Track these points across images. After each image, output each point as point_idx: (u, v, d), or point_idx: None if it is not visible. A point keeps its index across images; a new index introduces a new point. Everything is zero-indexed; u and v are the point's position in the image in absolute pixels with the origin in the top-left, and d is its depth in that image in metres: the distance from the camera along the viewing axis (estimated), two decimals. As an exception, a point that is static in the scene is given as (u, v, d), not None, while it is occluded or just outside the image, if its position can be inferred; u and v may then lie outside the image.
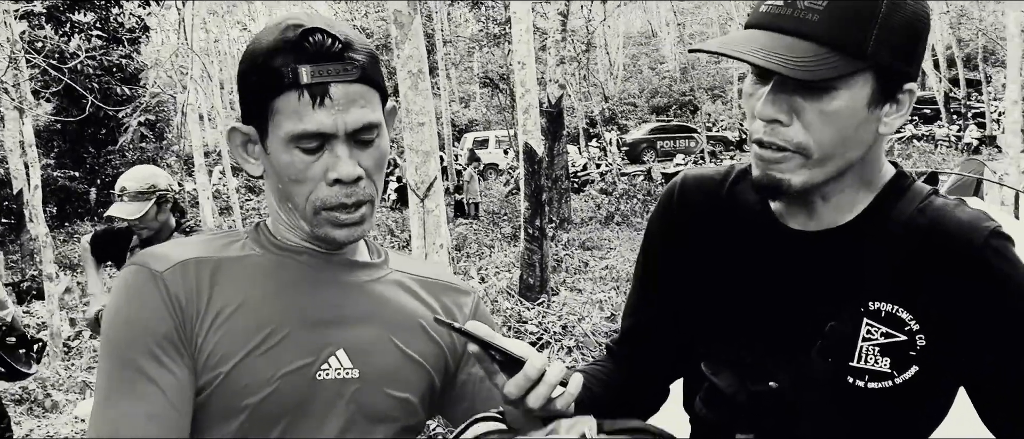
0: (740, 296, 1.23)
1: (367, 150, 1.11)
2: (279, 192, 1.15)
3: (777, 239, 1.21)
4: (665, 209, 1.34)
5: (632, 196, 16.41)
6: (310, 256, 1.17)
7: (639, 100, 36.14)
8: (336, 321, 1.15)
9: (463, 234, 13.60)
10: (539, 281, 8.81)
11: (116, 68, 18.35)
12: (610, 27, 31.88)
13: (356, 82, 1.08)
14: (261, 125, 1.11)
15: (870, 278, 1.13)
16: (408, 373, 1.20)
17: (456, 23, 28.51)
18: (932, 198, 1.16)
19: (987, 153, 20.44)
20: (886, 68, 1.06)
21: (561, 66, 12.45)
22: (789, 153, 1.10)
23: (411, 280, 1.26)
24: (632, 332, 1.40)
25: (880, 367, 1.12)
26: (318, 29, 1.07)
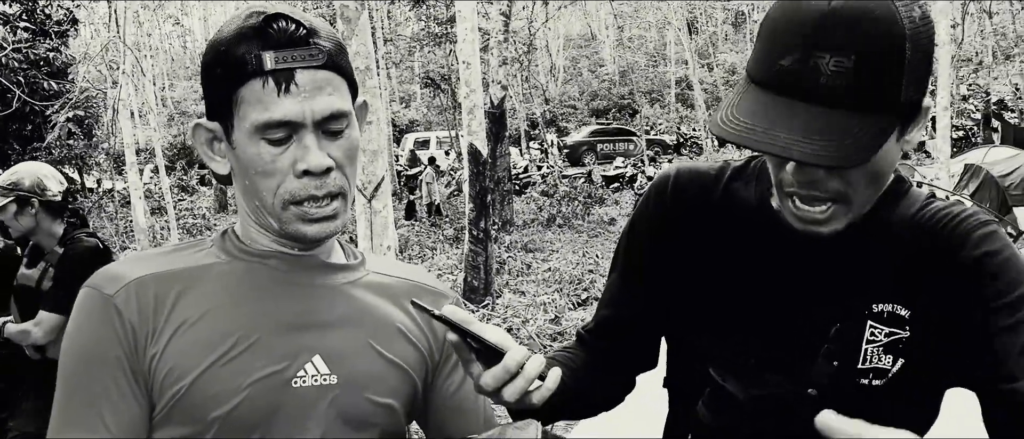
0: (741, 297, 1.21)
1: (337, 140, 1.07)
2: (247, 189, 1.09)
3: (778, 239, 1.18)
4: (657, 201, 1.30)
5: (573, 198, 16.47)
6: (281, 260, 1.12)
7: (579, 103, 36.39)
8: (311, 326, 1.10)
9: (405, 236, 13.46)
10: (483, 283, 8.75)
11: (43, 62, 17.69)
12: (551, 29, 32.02)
13: (322, 68, 1.04)
14: (226, 119, 1.06)
15: (874, 280, 1.13)
16: (389, 378, 1.15)
17: (396, 21, 28.27)
18: (933, 201, 1.16)
19: (917, 158, 21.08)
20: (913, 104, 1.03)
21: (503, 67, 12.40)
22: (830, 204, 1.07)
23: (389, 282, 1.22)
24: (609, 323, 1.37)
25: (883, 364, 1.13)
26: (281, 15, 1.03)
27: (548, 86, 32.98)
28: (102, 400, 1.02)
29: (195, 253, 1.13)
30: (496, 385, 1.04)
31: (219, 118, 1.07)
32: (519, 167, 21.83)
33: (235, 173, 1.11)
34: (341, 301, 1.14)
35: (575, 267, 10.52)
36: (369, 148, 4.50)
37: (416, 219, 17.04)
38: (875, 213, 1.15)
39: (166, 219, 13.41)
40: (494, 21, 12.91)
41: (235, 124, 1.05)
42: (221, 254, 1.13)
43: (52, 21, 18.17)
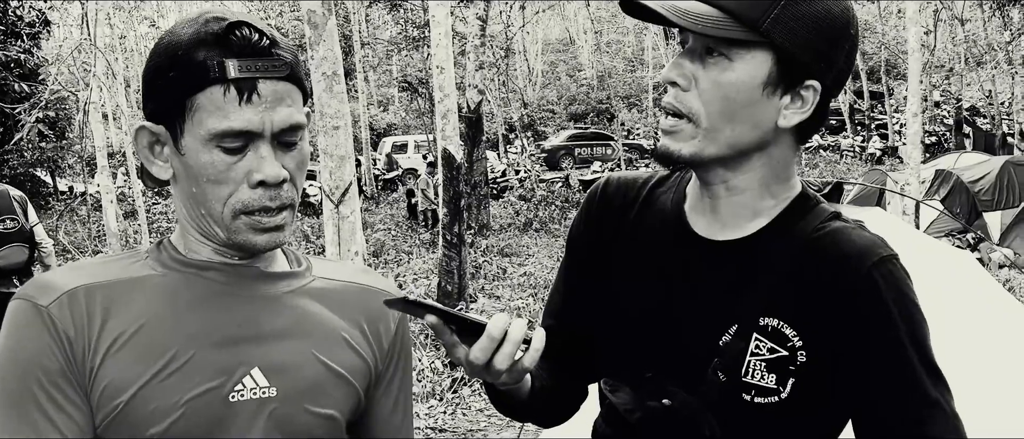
0: (646, 304, 1.23)
1: (290, 152, 1.06)
2: (193, 197, 1.07)
3: (682, 244, 1.21)
4: (587, 209, 1.35)
5: (550, 203, 16.48)
6: (219, 271, 1.10)
7: (557, 107, 36.42)
8: (250, 338, 1.08)
9: (381, 240, 13.40)
10: (457, 288, 8.71)
11: (14, 64, 17.48)
12: (529, 33, 32.05)
13: (284, 80, 1.04)
14: (176, 123, 1.04)
15: (764, 293, 1.14)
16: (331, 388, 1.13)
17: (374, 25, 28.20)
18: (833, 220, 1.16)
19: (889, 164, 21.28)
20: (786, 53, 1.08)
21: (480, 71, 12.39)
22: (682, 122, 1.12)
23: (334, 287, 1.19)
24: (552, 333, 1.36)
25: (766, 383, 1.13)
26: (245, 23, 1.02)
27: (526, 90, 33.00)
28: (44, 412, 1.00)
29: (130, 264, 1.10)
30: (486, 357, 1.05)
31: (166, 122, 1.04)
32: (496, 171, 21.79)
33: (179, 179, 1.08)
34: (282, 310, 1.12)
35: (551, 272, 10.53)
36: (336, 153, 4.47)
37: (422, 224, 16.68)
38: (776, 225, 1.17)
39: (138, 223, 13.26)
40: (471, 25, 12.90)
41: (187, 129, 1.03)
42: (157, 266, 1.10)
43: (23, 22, 17.95)
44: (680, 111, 1.13)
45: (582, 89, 37.97)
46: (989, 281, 4.03)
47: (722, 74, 1.10)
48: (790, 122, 1.12)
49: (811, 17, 1.08)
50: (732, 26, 1.07)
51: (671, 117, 1.14)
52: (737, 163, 1.15)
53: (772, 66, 1.09)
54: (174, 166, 1.07)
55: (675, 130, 1.13)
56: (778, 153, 1.16)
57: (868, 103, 28.34)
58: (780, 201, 1.18)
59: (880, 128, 27.70)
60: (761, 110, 1.11)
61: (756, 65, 1.09)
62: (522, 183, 19.61)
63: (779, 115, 1.12)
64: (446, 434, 5.51)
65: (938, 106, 25.24)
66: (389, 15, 22.38)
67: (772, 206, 1.18)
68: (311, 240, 13.61)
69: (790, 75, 1.10)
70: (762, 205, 1.18)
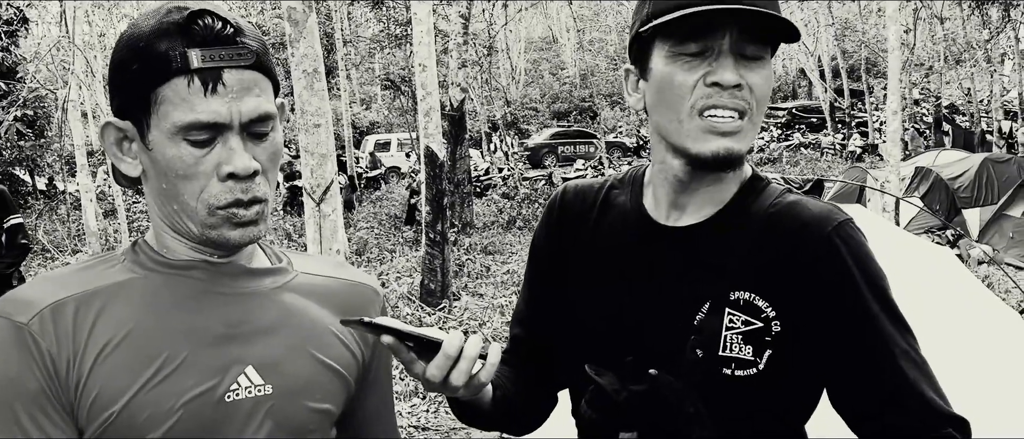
0: (616, 295, 1.26)
1: (261, 144, 1.03)
2: (163, 193, 1.03)
3: (649, 236, 1.25)
4: (547, 219, 1.38)
5: (534, 201, 16.47)
6: (202, 270, 1.07)
7: (540, 105, 36.44)
8: (241, 336, 1.06)
9: (364, 239, 13.35)
10: (440, 286, 8.70)
11: (-9, 62, 17.29)
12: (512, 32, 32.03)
13: (250, 68, 1.00)
14: (141, 118, 1.01)
15: (732, 269, 1.18)
16: (326, 382, 1.12)
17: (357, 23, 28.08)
18: (787, 195, 1.23)
19: (869, 161, 21.43)
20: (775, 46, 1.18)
21: (463, 69, 12.37)
22: (741, 121, 1.15)
23: (319, 282, 1.18)
24: (519, 342, 1.43)
25: (743, 355, 1.16)
26: (207, 11, 0.99)
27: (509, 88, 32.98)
28: (29, 426, 0.97)
29: (107, 269, 1.06)
30: (442, 374, 1.07)
31: (133, 117, 1.01)
32: (480, 169, 21.77)
33: (149, 176, 1.05)
34: (271, 307, 1.10)
35: (533, 270, 10.51)
36: (317, 152, 4.45)
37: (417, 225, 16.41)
38: (735, 205, 1.22)
39: (118, 222, 13.15)
40: (454, 23, 12.88)
41: (152, 124, 1.00)
42: (136, 268, 1.07)
43: (1, 21, 17.75)
44: (744, 111, 1.15)
45: (565, 87, 38.00)
46: (968, 277, 4.05)
47: (762, 72, 1.15)
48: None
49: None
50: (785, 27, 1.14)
51: (737, 119, 1.15)
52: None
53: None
54: (143, 162, 1.04)
55: (738, 130, 1.15)
56: None
57: (848, 101, 28.53)
58: (732, 184, 1.24)
59: (860, 126, 27.89)
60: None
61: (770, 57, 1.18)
62: (505, 181, 19.60)
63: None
64: (429, 433, 5.49)
65: (918, 104, 25.44)
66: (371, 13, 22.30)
67: (726, 190, 1.23)
68: (294, 238, 13.55)
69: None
70: (718, 190, 1.23)
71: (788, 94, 37.90)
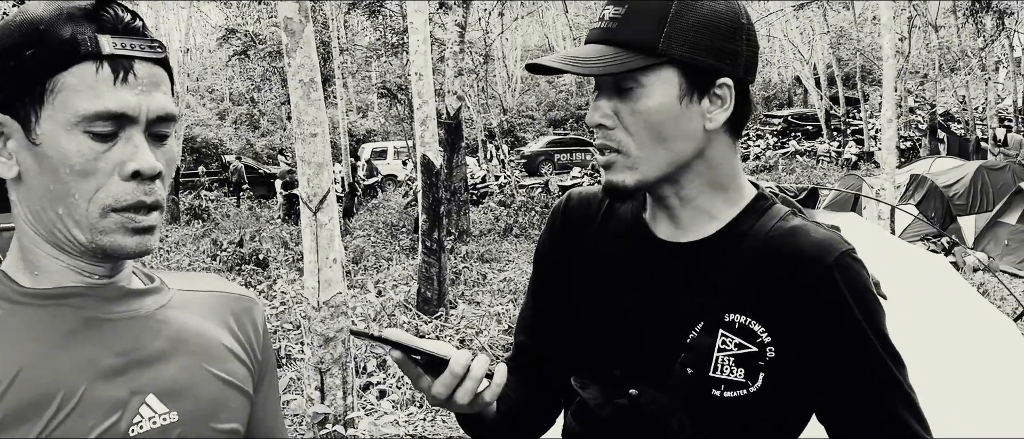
0: (609, 306, 1.26)
1: (161, 147, 0.96)
2: (48, 195, 0.92)
3: (648, 250, 1.25)
4: (551, 225, 1.39)
5: (530, 208, 16.48)
6: (79, 296, 0.96)
7: (537, 113, 36.49)
8: (136, 363, 0.97)
9: (361, 247, 13.34)
10: (437, 294, 8.70)
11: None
12: (508, 40, 32.08)
13: (158, 64, 0.94)
14: (30, 109, 0.90)
15: (728, 290, 1.17)
16: (229, 401, 1.05)
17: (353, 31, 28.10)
18: (790, 218, 1.21)
19: (865, 168, 21.47)
20: (689, 64, 1.13)
21: (459, 77, 12.40)
22: (617, 155, 1.17)
23: (198, 298, 1.10)
24: (523, 349, 1.43)
25: (734, 377, 1.16)
26: (114, 1, 0.93)
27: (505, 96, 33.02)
28: None
29: None
30: (447, 392, 1.09)
31: (16, 109, 0.91)
32: (477, 177, 21.78)
33: (27, 177, 0.93)
34: (160, 329, 1.01)
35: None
36: (314, 161, 4.45)
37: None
38: (735, 226, 1.21)
39: None
40: (450, 32, 12.91)
41: (44, 115, 0.90)
42: (3, 304, 0.94)
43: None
44: (612, 147, 1.17)
45: (561, 95, 38.07)
46: (963, 285, 4.06)
47: (639, 103, 1.14)
48: (718, 122, 1.17)
49: (701, 23, 1.13)
50: (630, 57, 1.12)
51: (606, 153, 1.18)
52: (679, 174, 1.19)
53: (680, 79, 1.14)
54: (22, 162, 0.93)
55: (610, 163, 1.18)
56: (716, 153, 1.20)
57: (844, 109, 28.59)
58: (735, 202, 1.23)
59: (856, 134, 27.95)
60: (686, 121, 1.15)
61: (666, 83, 1.14)
62: (502, 189, 19.61)
63: (705, 120, 1.16)
64: (426, 441, 5.49)
65: (913, 112, 25.51)
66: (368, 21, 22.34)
67: (727, 208, 1.22)
68: (290, 247, 13.54)
69: (701, 81, 1.15)
70: (717, 207, 1.22)
71: (784, 102, 38.00)
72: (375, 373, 6.61)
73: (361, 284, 10.36)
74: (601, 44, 1.15)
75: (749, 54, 1.17)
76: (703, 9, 1.13)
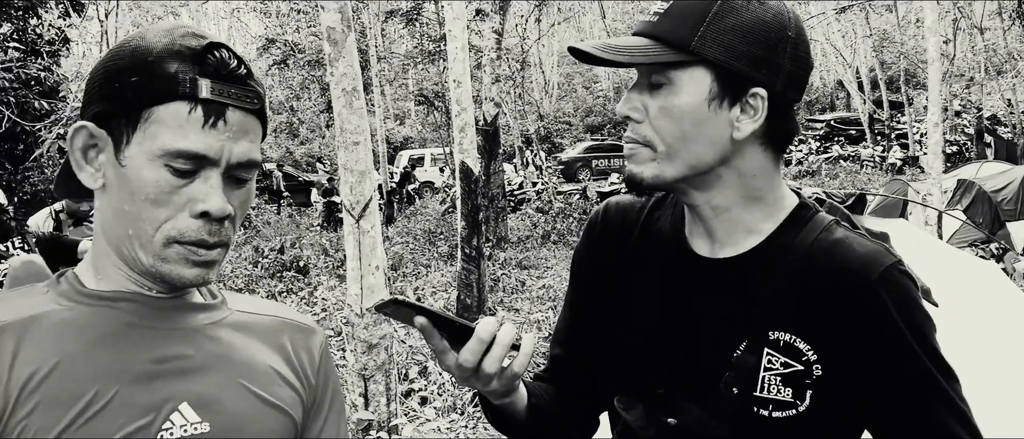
0: (651, 323, 1.23)
1: (238, 190, 1.00)
2: (123, 215, 0.97)
3: (686, 266, 1.22)
4: (588, 235, 1.36)
5: (568, 215, 16.45)
6: (130, 302, 1.00)
7: (574, 119, 36.46)
8: (175, 372, 0.99)
9: (400, 253, 13.43)
10: (476, 301, 8.72)
11: (35, 81, 17.68)
12: (544, 46, 32.12)
13: (252, 114, 0.99)
14: (124, 132, 0.95)
15: (771, 308, 1.14)
16: (266, 420, 1.06)
17: (390, 39, 28.35)
18: (833, 228, 1.17)
19: (910, 173, 21.13)
20: (722, 68, 1.10)
21: (496, 84, 12.43)
22: (640, 146, 1.16)
23: (255, 320, 1.12)
24: (559, 361, 1.40)
25: (782, 396, 1.14)
26: (224, 45, 0.97)
27: (542, 103, 33.06)
28: None
29: (27, 300, 1.00)
30: (475, 359, 1.06)
31: (112, 128, 0.96)
32: (514, 183, 21.81)
33: (109, 192, 0.98)
34: (206, 342, 1.04)
35: (568, 285, 10.48)
36: (357, 168, 4.49)
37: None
38: (775, 239, 1.18)
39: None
40: (487, 39, 12.95)
41: (135, 140, 0.95)
42: (61, 299, 1.00)
43: (43, 41, 18.17)
44: (635, 140, 1.16)
45: (598, 101, 38.01)
46: (1014, 291, 3.98)
47: (667, 99, 1.13)
48: (744, 132, 1.13)
49: (741, 28, 1.10)
50: (663, 51, 1.11)
51: (629, 143, 1.18)
52: (706, 181, 1.16)
53: (712, 81, 1.11)
54: (107, 177, 0.98)
55: (632, 153, 1.17)
56: (747, 165, 1.16)
57: (888, 113, 28.18)
58: (775, 215, 1.19)
59: (900, 138, 27.53)
60: (712, 126, 1.12)
61: (696, 83, 1.11)
62: (539, 195, 19.62)
63: (732, 128, 1.13)
64: (467, 448, 5.49)
65: (959, 115, 25.06)
66: (405, 29, 22.51)
67: (766, 220, 1.19)
68: (330, 254, 13.67)
69: (732, 87, 1.12)
70: (754, 220, 1.19)
71: (826, 106, 37.55)
72: (416, 380, 6.64)
73: (400, 291, 10.42)
74: (641, 37, 1.14)
75: (794, 69, 1.13)
76: (746, 15, 1.11)
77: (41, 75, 17.71)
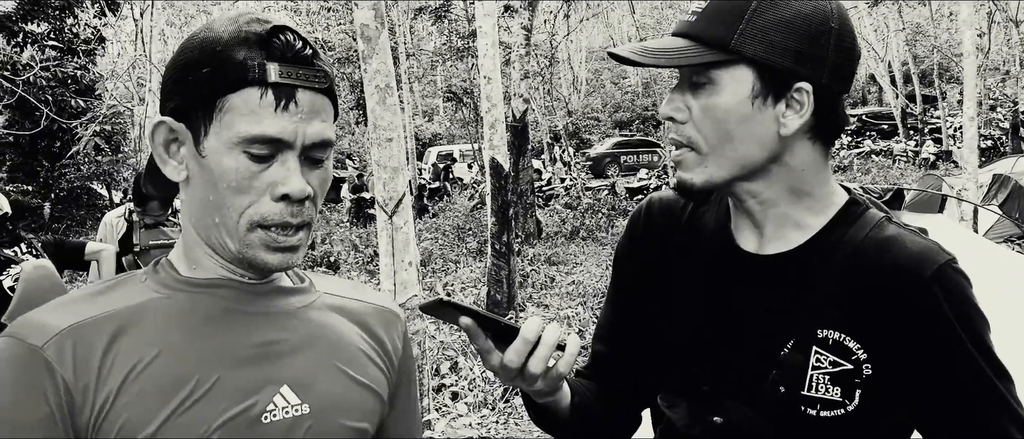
0: (696, 320, 1.22)
1: (316, 170, 1.01)
2: (208, 204, 0.99)
3: (732, 262, 1.21)
4: (631, 231, 1.35)
5: (597, 211, 16.41)
6: (228, 288, 1.03)
7: (602, 115, 36.34)
8: (273, 355, 1.02)
9: (429, 249, 13.48)
10: (506, 297, 8.73)
11: (71, 80, 17.96)
12: (573, 42, 32.04)
13: (322, 93, 0.99)
14: (201, 123, 0.97)
15: (819, 305, 1.12)
16: (361, 400, 1.09)
17: (419, 36, 28.43)
18: (885, 225, 1.14)
19: (944, 168, 20.82)
20: (764, 64, 1.09)
21: (525, 80, 12.42)
22: (686, 150, 1.15)
23: (344, 303, 1.15)
24: (601, 357, 1.39)
25: (831, 396, 1.11)
26: (289, 28, 0.98)
27: (570, 98, 32.99)
28: None
29: (128, 290, 1.01)
30: (520, 360, 1.06)
31: (190, 121, 0.98)
32: (542, 180, 21.79)
33: (193, 184, 1.00)
34: (300, 325, 1.07)
35: (599, 280, 10.48)
36: (390, 165, 4.52)
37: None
38: (825, 236, 1.16)
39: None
40: (516, 35, 12.94)
41: (212, 131, 0.96)
42: (159, 288, 1.02)
43: (79, 39, 18.46)
44: (681, 142, 1.15)
45: (627, 97, 37.86)
46: (1055, 289, 3.92)
47: (709, 98, 1.11)
48: (791, 128, 1.11)
49: (781, 23, 1.09)
50: (702, 51, 1.10)
51: (677, 149, 1.17)
52: (755, 178, 1.15)
53: (754, 79, 1.10)
54: (190, 169, 1.00)
55: (681, 159, 1.16)
56: (796, 160, 1.15)
57: (920, 107, 27.79)
58: (824, 210, 1.17)
59: (933, 132, 27.14)
60: (757, 123, 1.11)
61: (738, 82, 1.10)
62: (568, 191, 19.59)
63: (778, 124, 1.11)
64: (498, 443, 5.51)
65: (994, 109, 24.65)
66: (433, 26, 22.57)
67: (816, 216, 1.17)
68: (360, 249, 13.75)
69: (776, 83, 1.10)
70: (802, 215, 1.17)
71: (858, 100, 37.11)
72: (447, 375, 6.67)
73: (430, 287, 10.47)
74: (680, 37, 1.13)
75: (839, 60, 1.11)
76: (785, 10, 1.09)
77: (77, 73, 17.99)
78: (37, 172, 19.44)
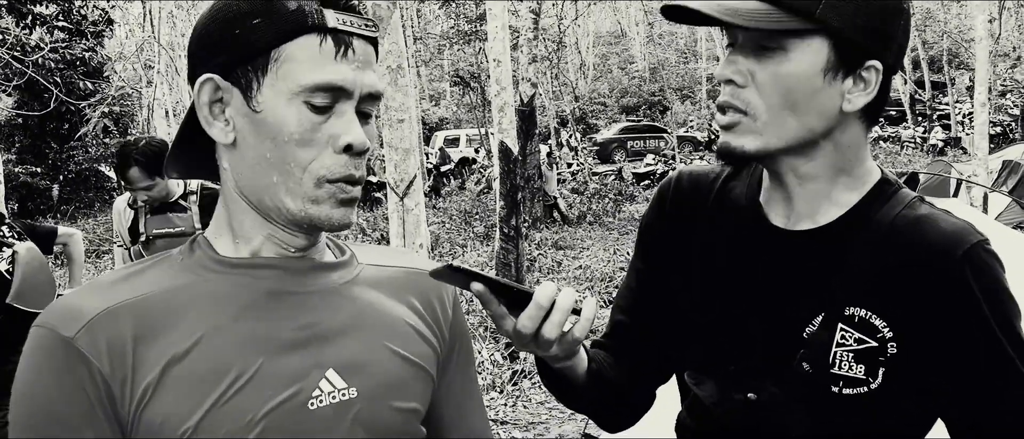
0: (724, 296, 1.20)
1: (367, 125, 0.97)
2: (265, 163, 0.93)
3: (761, 237, 1.19)
4: (659, 203, 1.32)
5: (604, 196, 16.40)
6: (271, 269, 0.98)
7: (609, 100, 36.25)
8: (317, 338, 0.97)
9: (436, 233, 13.49)
10: (514, 280, 8.74)
11: (80, 62, 17.99)
12: (580, 26, 31.93)
13: (371, 43, 0.96)
14: (253, 77, 0.92)
15: (848, 282, 1.11)
16: (410, 380, 1.04)
17: (426, 20, 28.36)
18: (917, 204, 1.13)
19: (952, 155, 20.74)
20: (842, 37, 1.06)
21: (533, 65, 12.39)
22: (743, 116, 1.11)
23: (386, 274, 1.10)
24: (621, 329, 1.37)
25: (854, 374, 1.10)
26: None
27: (578, 83, 32.89)
28: None
29: (163, 271, 0.96)
30: (534, 325, 1.02)
31: (239, 77, 0.92)
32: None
33: (243, 145, 0.94)
34: (343, 304, 1.02)
35: (606, 265, 10.49)
36: (401, 146, 4.51)
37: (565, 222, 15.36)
38: (857, 213, 1.14)
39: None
40: (524, 19, 12.90)
41: (266, 83, 0.91)
42: (198, 269, 0.97)
43: (88, 21, 18.46)
44: (739, 108, 1.11)
45: (634, 82, 37.73)
46: (1069, 274, 3.90)
47: (780, 66, 1.08)
48: (856, 105, 1.10)
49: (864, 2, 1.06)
50: (785, 17, 1.06)
51: (729, 113, 1.12)
52: (805, 152, 1.13)
53: (830, 52, 1.07)
54: (239, 128, 0.94)
55: (734, 124, 1.12)
56: (846, 138, 1.13)
57: (929, 93, 27.66)
58: (858, 187, 1.16)
59: (942, 118, 27.02)
60: (824, 97, 1.09)
61: (813, 53, 1.07)
62: (574, 176, 19.57)
63: (843, 100, 1.10)
64: (507, 426, 5.53)
65: (1004, 96, 24.52)
66: (441, 9, 22.49)
67: (850, 193, 1.15)
68: (368, 232, 13.77)
69: (850, 58, 1.08)
70: (837, 192, 1.15)
71: (864, 86, 36.86)
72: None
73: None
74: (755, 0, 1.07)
75: (902, 42, 1.11)
76: None
77: (85, 55, 18.00)
78: (46, 154, 19.50)
